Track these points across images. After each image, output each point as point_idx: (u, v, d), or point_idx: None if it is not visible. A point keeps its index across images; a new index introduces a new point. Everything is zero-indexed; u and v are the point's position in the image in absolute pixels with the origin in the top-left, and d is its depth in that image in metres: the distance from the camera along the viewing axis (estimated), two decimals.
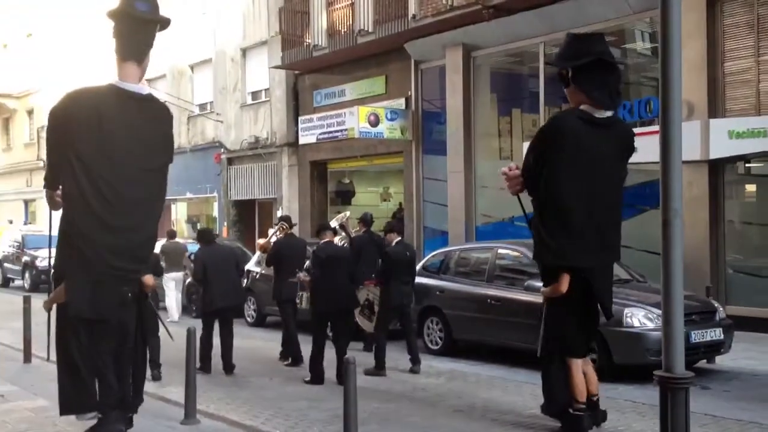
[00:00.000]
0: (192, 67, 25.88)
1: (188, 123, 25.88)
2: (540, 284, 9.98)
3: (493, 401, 8.51)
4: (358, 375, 9.92)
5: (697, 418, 6.56)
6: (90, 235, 6.22)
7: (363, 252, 11.47)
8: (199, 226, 26.23)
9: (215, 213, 24.95)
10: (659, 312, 8.84)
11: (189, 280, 16.71)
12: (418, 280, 12.16)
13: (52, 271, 7.28)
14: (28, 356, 10.88)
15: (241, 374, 10.29)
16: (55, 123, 6.34)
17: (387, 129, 17.31)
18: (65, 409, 6.53)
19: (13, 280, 25.18)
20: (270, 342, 13.08)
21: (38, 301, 12.13)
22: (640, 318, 9.41)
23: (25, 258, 23.79)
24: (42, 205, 34.81)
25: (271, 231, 12.55)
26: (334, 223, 12.55)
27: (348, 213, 15.26)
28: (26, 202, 36.49)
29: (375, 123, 17.15)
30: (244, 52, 23.41)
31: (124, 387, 6.33)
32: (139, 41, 6.39)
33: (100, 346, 6.20)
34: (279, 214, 21.80)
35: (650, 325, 9.33)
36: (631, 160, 12.48)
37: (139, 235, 6.55)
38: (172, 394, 8.68)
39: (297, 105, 21.36)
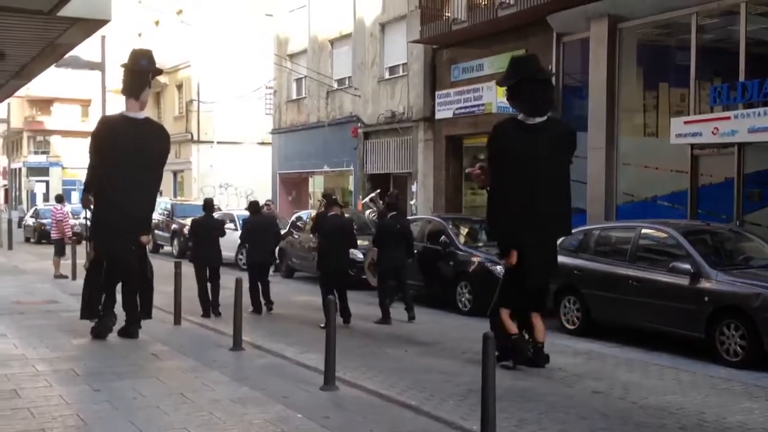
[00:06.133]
0: (332, 42, 26.28)
1: (327, 97, 26.35)
2: (687, 266, 9.77)
3: (633, 384, 8.26)
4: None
5: None
6: (113, 212, 10.00)
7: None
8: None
9: (351, 186, 25.36)
10: None
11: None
12: None
13: (90, 238, 10.90)
14: (178, 319, 11.49)
15: (377, 345, 10.47)
16: (94, 142, 10.20)
17: None
18: (84, 316, 10.33)
19: (162, 246, 26.57)
20: (404, 314, 13.21)
21: (188, 267, 12.82)
22: None
23: (174, 226, 25.05)
24: (188, 176, 36.59)
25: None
26: (366, 200, 16.25)
27: (378, 190, 19.49)
28: (175, 173, 38.33)
29: None
30: (383, 26, 23.53)
31: (129, 305, 10.15)
32: (138, 85, 10.20)
33: (113, 280, 10.19)
34: (414, 188, 21.95)
35: None
36: None
37: (141, 211, 10.29)
38: (311, 360, 8.94)
39: (434, 79, 21.27)
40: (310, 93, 27.43)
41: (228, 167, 35.37)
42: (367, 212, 18.11)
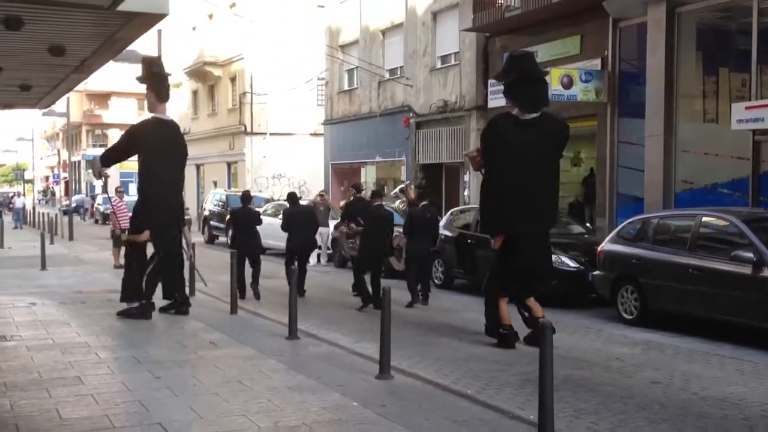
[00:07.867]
0: (383, 32, 26.25)
1: (378, 88, 26.34)
2: (749, 255, 9.56)
3: (694, 374, 8.11)
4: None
5: None
6: (161, 203, 11.05)
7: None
8: (386, 189, 26.93)
9: (403, 176, 25.34)
10: None
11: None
12: (612, 247, 11.90)
13: (131, 223, 11.72)
14: (234, 308, 11.64)
15: (431, 334, 10.46)
16: (130, 136, 11.45)
17: (581, 91, 16.72)
18: (123, 299, 11.15)
19: (217, 237, 26.94)
20: (458, 304, 13.20)
21: None
22: None
23: (228, 216, 25.34)
24: (241, 168, 37.01)
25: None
26: (395, 190, 17.19)
27: (408, 182, 20.11)
28: (229, 164, 38.78)
29: (568, 85, 16.62)
30: (435, 15, 23.41)
31: (170, 287, 11.28)
32: (165, 89, 11.41)
33: (160, 268, 11.09)
34: (466, 178, 21.83)
35: None
36: None
37: (179, 200, 11.71)
38: (366, 349, 8.98)
39: (486, 68, 21.08)
40: (362, 83, 27.46)
41: (281, 158, 35.66)
42: (397, 202, 18.70)
